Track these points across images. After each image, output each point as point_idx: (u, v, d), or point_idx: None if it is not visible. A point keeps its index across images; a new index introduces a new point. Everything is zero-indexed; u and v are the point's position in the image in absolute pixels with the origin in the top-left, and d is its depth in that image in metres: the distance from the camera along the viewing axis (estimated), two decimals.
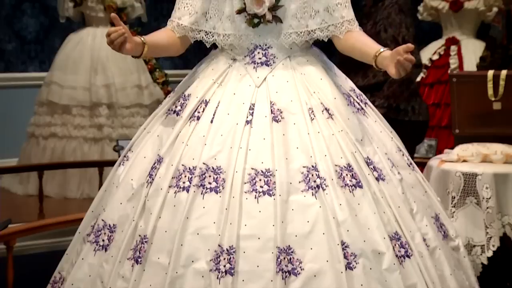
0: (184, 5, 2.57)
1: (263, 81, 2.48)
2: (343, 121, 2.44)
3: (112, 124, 5.59)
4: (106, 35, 2.35)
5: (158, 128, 2.53)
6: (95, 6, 5.67)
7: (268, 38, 2.51)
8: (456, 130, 3.55)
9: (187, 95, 2.54)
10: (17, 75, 6.21)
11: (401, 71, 2.27)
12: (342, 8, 2.50)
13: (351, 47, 2.50)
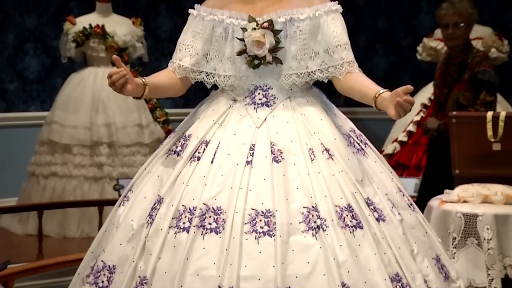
0: (185, 46, 2.59)
1: (263, 122, 2.49)
2: (343, 161, 2.44)
3: (113, 163, 5.60)
4: (108, 76, 2.37)
5: (159, 168, 2.54)
6: (97, 46, 5.72)
7: (268, 79, 2.53)
8: (456, 170, 3.56)
9: (188, 135, 2.55)
10: (19, 115, 6.23)
11: (401, 112, 2.28)
12: (342, 49, 2.52)
13: (351, 88, 2.51)
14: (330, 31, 2.51)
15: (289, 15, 2.50)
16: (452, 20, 4.30)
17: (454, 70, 4.28)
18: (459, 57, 4.30)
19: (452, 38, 4.30)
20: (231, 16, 2.53)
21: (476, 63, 4.25)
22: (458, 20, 4.30)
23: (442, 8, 4.39)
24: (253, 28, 2.48)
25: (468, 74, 4.23)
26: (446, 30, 4.31)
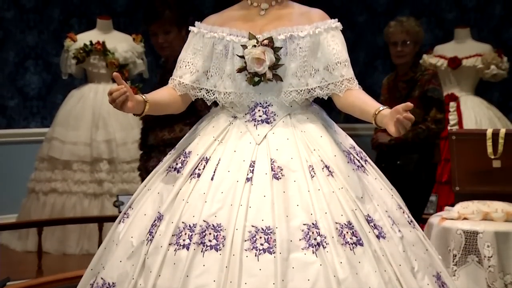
0: (185, 63, 2.60)
1: (263, 139, 2.49)
2: (343, 178, 2.44)
3: (113, 179, 5.59)
4: (108, 93, 2.38)
5: (159, 185, 2.54)
6: (97, 63, 5.74)
7: (268, 96, 2.54)
8: (457, 187, 3.56)
9: (188, 152, 2.55)
10: (19, 131, 6.24)
11: (401, 129, 2.29)
12: (342, 67, 2.53)
13: (351, 105, 2.52)
14: (330, 48, 2.52)
15: (289, 33, 2.51)
16: (401, 38, 4.40)
17: (403, 87, 4.36)
18: (407, 74, 4.39)
19: (400, 56, 4.40)
20: (232, 33, 2.54)
21: (426, 81, 4.34)
22: (406, 38, 4.40)
23: (390, 26, 4.49)
24: (253, 46, 2.48)
25: (418, 91, 4.32)
26: (395, 48, 4.41)
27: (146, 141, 3.84)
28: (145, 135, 3.84)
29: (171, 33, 3.69)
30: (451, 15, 6.53)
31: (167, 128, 3.73)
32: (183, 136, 3.71)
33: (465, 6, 6.42)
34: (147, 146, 3.84)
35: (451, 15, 6.53)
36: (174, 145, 3.69)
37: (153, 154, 3.79)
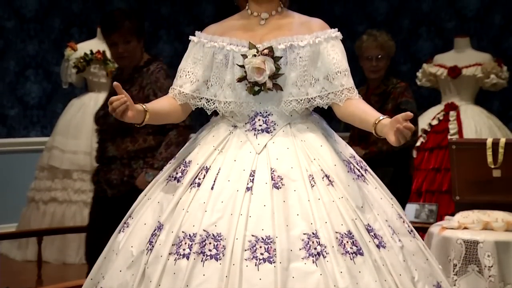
0: (185, 73, 2.60)
1: (263, 148, 2.49)
2: (343, 187, 2.44)
3: None
4: (109, 103, 2.38)
5: (159, 194, 2.54)
6: (98, 72, 5.74)
7: (268, 105, 2.54)
8: (457, 197, 3.56)
9: (188, 161, 2.55)
10: (19, 140, 6.24)
11: (401, 138, 2.29)
12: (342, 76, 2.53)
13: (351, 114, 2.52)
14: (330, 58, 2.53)
15: (289, 42, 2.51)
16: (375, 53, 4.40)
17: (376, 100, 4.34)
18: (379, 87, 4.39)
19: (375, 71, 4.39)
20: (232, 43, 2.54)
21: (399, 94, 4.34)
22: (380, 53, 4.40)
23: (363, 41, 4.48)
24: (254, 55, 2.49)
25: (391, 104, 4.31)
26: (369, 62, 4.40)
27: (105, 153, 3.76)
28: (104, 147, 3.77)
29: (131, 43, 3.70)
30: (450, 24, 6.54)
31: (129, 138, 3.69)
32: (148, 146, 3.71)
33: (464, 15, 6.44)
34: (107, 158, 3.76)
35: (451, 25, 6.54)
36: (140, 157, 3.69)
37: (114, 166, 3.72)
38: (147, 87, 3.69)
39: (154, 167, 3.64)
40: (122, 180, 3.69)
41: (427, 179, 5.51)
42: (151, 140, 3.71)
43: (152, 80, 3.69)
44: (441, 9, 6.53)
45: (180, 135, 3.69)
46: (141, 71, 3.74)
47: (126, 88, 3.69)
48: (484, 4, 6.33)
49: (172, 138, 3.68)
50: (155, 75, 3.70)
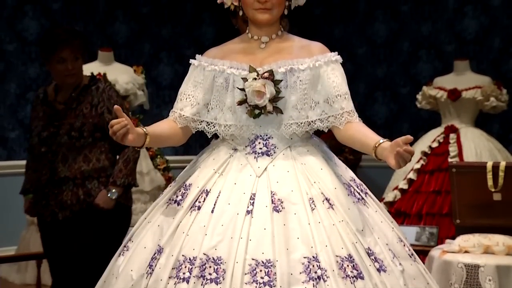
0: (186, 96, 2.61)
1: (263, 171, 2.49)
2: (343, 211, 2.44)
3: None
4: (109, 126, 2.39)
5: (159, 218, 2.53)
6: None
7: (268, 128, 2.54)
8: (457, 220, 3.55)
9: (188, 184, 2.55)
10: (20, 163, 6.23)
11: (401, 162, 2.29)
12: (342, 99, 2.54)
13: (351, 137, 2.52)
14: (330, 81, 2.54)
15: (290, 66, 2.52)
16: None
17: None
18: None
19: None
20: (232, 66, 2.55)
21: None
22: None
23: None
24: (254, 78, 2.50)
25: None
26: None
27: (55, 174, 3.66)
28: (53, 168, 3.67)
29: (79, 60, 3.69)
30: (450, 47, 6.57)
31: (81, 157, 3.65)
32: (103, 166, 3.68)
33: (464, 38, 6.46)
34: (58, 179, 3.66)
35: (450, 47, 6.57)
36: (95, 178, 3.64)
37: (66, 187, 3.64)
38: (99, 105, 3.66)
39: (117, 185, 3.62)
40: (77, 200, 3.63)
41: (428, 201, 5.49)
42: (104, 159, 3.69)
43: (104, 98, 3.67)
44: (440, 32, 6.56)
45: (136, 151, 3.69)
46: (88, 89, 3.70)
47: (72, 107, 3.66)
48: (483, 28, 6.36)
49: (130, 155, 3.68)
50: (107, 93, 3.68)
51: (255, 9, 2.53)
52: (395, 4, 6.65)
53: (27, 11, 6.15)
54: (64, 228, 3.66)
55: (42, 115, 3.74)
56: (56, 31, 3.72)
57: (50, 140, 3.69)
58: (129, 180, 3.69)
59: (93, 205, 3.62)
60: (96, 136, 3.66)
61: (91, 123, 3.64)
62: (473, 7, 6.37)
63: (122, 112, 2.40)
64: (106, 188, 3.65)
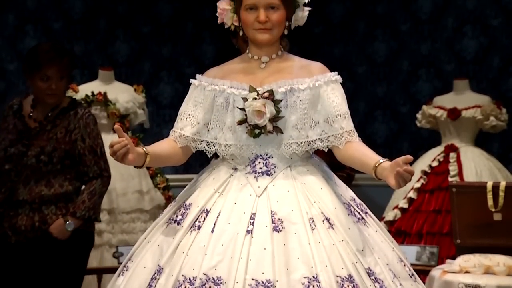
0: (186, 116, 2.61)
1: (264, 191, 2.49)
2: (343, 231, 2.44)
3: (112, 230, 5.56)
4: (109, 146, 2.39)
5: (159, 237, 2.53)
6: (99, 113, 5.75)
7: (269, 148, 2.55)
8: (458, 240, 3.54)
9: (188, 204, 2.55)
10: None
11: (401, 182, 2.29)
12: (342, 119, 2.54)
13: (351, 157, 2.53)
14: (330, 101, 2.54)
15: (290, 85, 2.53)
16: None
17: None
18: None
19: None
20: (232, 86, 2.56)
21: None
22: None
23: None
24: (254, 98, 2.50)
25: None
26: None
27: (14, 196, 3.51)
28: (13, 188, 3.51)
29: (64, 80, 3.53)
30: (449, 66, 6.58)
31: (44, 182, 3.50)
32: (65, 192, 3.51)
33: (463, 58, 6.48)
34: (15, 201, 3.51)
35: (450, 67, 6.58)
36: (53, 203, 3.48)
37: (22, 211, 3.50)
38: (74, 131, 3.53)
39: (76, 216, 3.49)
40: (32, 226, 3.49)
41: (428, 221, 5.48)
42: (68, 186, 3.55)
43: (81, 124, 3.54)
44: (440, 51, 6.57)
45: (104, 185, 3.59)
46: (67, 113, 3.57)
47: (47, 128, 3.51)
48: (482, 47, 6.38)
49: (97, 188, 3.56)
50: (84, 120, 3.55)
51: (255, 29, 2.54)
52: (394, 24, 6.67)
53: (28, 31, 6.17)
54: (16, 252, 3.51)
55: (12, 128, 3.58)
56: (44, 47, 3.56)
57: (16, 159, 3.52)
58: (90, 214, 3.55)
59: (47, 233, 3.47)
60: (65, 163, 3.52)
61: (62, 149, 3.51)
62: (472, 27, 6.39)
63: (122, 132, 2.41)
64: (63, 217, 3.50)
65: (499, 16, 6.24)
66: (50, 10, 6.21)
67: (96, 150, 3.60)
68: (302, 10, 2.61)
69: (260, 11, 2.52)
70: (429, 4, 6.49)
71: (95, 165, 3.57)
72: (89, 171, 3.57)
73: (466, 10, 6.33)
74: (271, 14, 2.53)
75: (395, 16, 6.63)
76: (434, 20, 6.50)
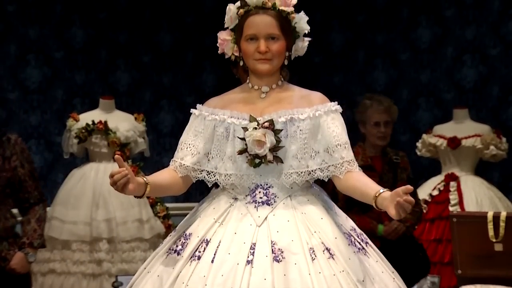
0: (186, 145, 2.62)
1: (264, 221, 2.49)
2: (344, 261, 2.43)
3: (112, 259, 5.54)
4: (110, 176, 2.39)
5: (159, 268, 2.52)
6: (99, 142, 5.76)
7: (269, 177, 2.55)
8: (459, 270, 3.52)
9: (188, 234, 2.54)
10: None
11: (401, 212, 2.29)
12: (342, 149, 2.55)
13: (351, 187, 2.53)
14: (330, 131, 2.55)
15: (290, 115, 2.54)
16: (382, 119, 4.25)
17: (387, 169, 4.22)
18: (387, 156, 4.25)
19: (383, 137, 4.24)
20: (232, 116, 2.57)
21: (406, 163, 4.25)
22: (387, 118, 4.26)
23: (367, 106, 4.32)
24: (254, 128, 2.51)
25: (405, 175, 4.21)
26: (376, 129, 4.25)
27: None
28: None
29: None
30: (449, 95, 6.60)
31: None
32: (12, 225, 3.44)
33: (463, 87, 6.51)
34: None
35: (449, 96, 6.60)
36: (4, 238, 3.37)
37: None
38: (12, 158, 3.49)
39: (34, 246, 3.46)
40: None
41: (429, 250, 5.45)
42: (10, 217, 3.51)
43: (17, 150, 3.51)
44: (439, 80, 6.60)
45: (45, 210, 3.56)
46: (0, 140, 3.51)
47: None
48: (481, 76, 6.41)
49: (41, 214, 3.54)
50: (20, 146, 3.53)
51: (255, 60, 2.56)
52: (394, 53, 6.71)
53: (30, 60, 6.20)
54: None
55: None
56: None
57: None
58: (42, 241, 3.53)
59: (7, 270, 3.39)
60: (6, 192, 3.47)
61: (5, 177, 3.46)
62: (471, 56, 6.43)
63: (122, 161, 2.41)
64: (21, 250, 3.44)
65: (498, 46, 6.28)
66: (52, 40, 6.25)
67: (34, 175, 3.60)
68: (302, 41, 2.63)
69: (261, 41, 2.54)
70: (428, 34, 6.54)
71: (35, 190, 3.56)
72: (30, 197, 3.55)
73: (465, 40, 6.37)
74: (272, 45, 2.54)
75: (394, 45, 6.67)
76: (434, 49, 6.53)
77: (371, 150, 4.31)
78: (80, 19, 6.31)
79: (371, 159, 4.29)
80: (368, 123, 4.33)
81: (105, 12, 6.40)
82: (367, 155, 4.30)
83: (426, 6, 6.46)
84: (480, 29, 6.28)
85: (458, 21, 6.36)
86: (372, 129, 4.29)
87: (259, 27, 2.54)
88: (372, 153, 4.30)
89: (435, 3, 6.43)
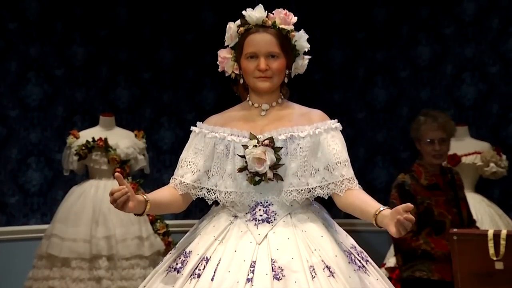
0: (187, 163, 2.62)
1: (264, 238, 2.49)
2: (344, 279, 2.42)
3: (111, 277, 5.52)
4: (110, 194, 2.39)
5: (159, 286, 2.51)
6: (99, 159, 5.76)
7: (269, 195, 2.55)
8: None
9: (188, 252, 2.54)
10: (19, 228, 6.20)
11: (401, 230, 2.29)
12: (342, 166, 2.55)
13: (351, 204, 2.53)
14: (330, 149, 2.55)
15: (290, 133, 2.55)
16: (438, 136, 4.04)
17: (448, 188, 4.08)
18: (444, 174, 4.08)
19: (439, 156, 4.04)
20: (233, 133, 2.57)
21: (461, 181, 4.11)
22: (443, 136, 4.06)
23: (421, 123, 4.08)
24: (254, 146, 2.52)
25: (462, 193, 4.07)
26: (431, 146, 4.03)
27: None
28: None
29: None
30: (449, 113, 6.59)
31: None
32: None
33: (463, 104, 6.51)
34: None
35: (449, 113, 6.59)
36: None
37: None
38: None
39: None
40: None
41: None
42: None
43: None
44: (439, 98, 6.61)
45: None
46: None
47: None
48: (481, 94, 6.42)
49: None
50: None
51: (255, 78, 2.57)
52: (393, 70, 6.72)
53: (30, 78, 6.21)
54: None
55: None
56: None
57: None
58: None
59: None
60: None
61: None
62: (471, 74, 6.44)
63: (122, 179, 2.41)
64: None
65: (497, 64, 6.29)
66: (53, 57, 6.27)
67: None
68: (302, 59, 2.64)
69: (261, 59, 2.55)
70: (428, 51, 6.55)
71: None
72: None
73: (464, 58, 6.38)
74: (272, 63, 2.55)
75: (394, 63, 6.68)
76: (433, 67, 6.55)
77: (430, 168, 4.09)
78: (81, 37, 6.33)
79: (435, 177, 4.08)
80: (423, 141, 4.08)
81: (105, 30, 6.43)
82: (430, 173, 4.08)
83: (425, 24, 6.49)
84: (479, 47, 6.30)
85: (458, 39, 6.38)
86: (426, 147, 4.06)
87: (259, 45, 2.55)
88: (432, 172, 4.09)
89: (434, 21, 6.45)
